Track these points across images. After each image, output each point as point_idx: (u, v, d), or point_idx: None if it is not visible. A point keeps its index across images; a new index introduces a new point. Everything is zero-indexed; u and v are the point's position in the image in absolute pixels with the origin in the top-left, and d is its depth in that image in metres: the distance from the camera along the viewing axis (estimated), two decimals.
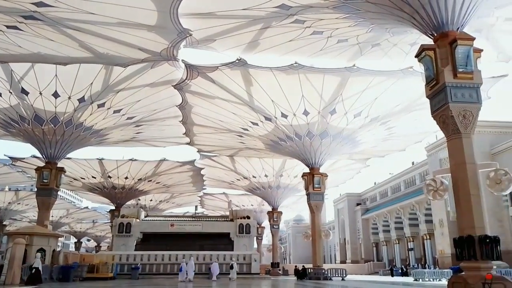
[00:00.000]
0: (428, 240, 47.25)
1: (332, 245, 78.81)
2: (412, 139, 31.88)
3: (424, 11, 12.26)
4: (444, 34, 12.10)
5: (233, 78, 21.12)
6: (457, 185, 11.14)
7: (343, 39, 17.56)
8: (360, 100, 23.29)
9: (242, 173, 40.99)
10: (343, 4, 14.12)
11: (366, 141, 28.67)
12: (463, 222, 10.72)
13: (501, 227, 34.29)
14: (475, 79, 11.57)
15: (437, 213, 40.77)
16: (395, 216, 55.05)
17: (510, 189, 11.61)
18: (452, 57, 11.55)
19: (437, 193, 12.62)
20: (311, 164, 28.83)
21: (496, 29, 17.01)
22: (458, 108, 11.31)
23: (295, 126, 25.70)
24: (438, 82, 11.80)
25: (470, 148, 11.17)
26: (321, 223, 31.15)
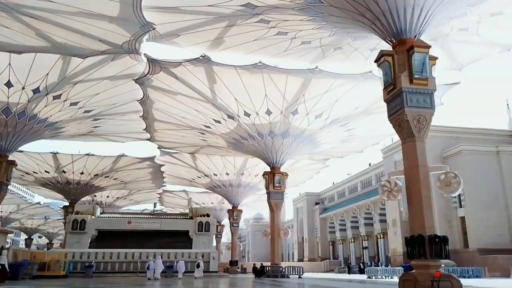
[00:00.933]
0: (381, 239, 48.99)
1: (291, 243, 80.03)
2: (370, 141, 32.93)
3: (385, 18, 12.68)
4: (402, 41, 12.57)
5: (196, 75, 20.92)
6: (410, 186, 11.63)
7: (307, 41, 17.84)
8: (321, 102, 23.77)
9: (203, 171, 40.71)
10: (308, 6, 14.34)
11: (326, 142, 29.31)
12: (414, 222, 11.21)
13: (450, 227, 36.13)
14: (430, 85, 12.10)
15: (391, 213, 42.35)
16: (351, 215, 56.65)
17: (459, 191, 12.25)
18: (409, 64, 12.02)
19: (391, 193, 13.11)
20: (272, 163, 29.12)
21: (451, 38, 17.90)
22: (413, 112, 11.79)
23: (258, 125, 25.84)
24: (395, 87, 12.24)
25: (423, 151, 11.68)
26: (280, 222, 31.54)
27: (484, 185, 35.08)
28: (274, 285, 19.25)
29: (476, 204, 34.77)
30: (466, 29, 17.08)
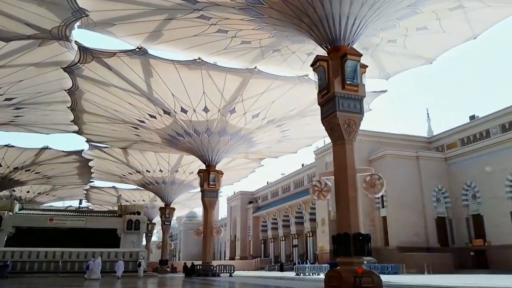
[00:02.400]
0: (311, 237, 50.77)
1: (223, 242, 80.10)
2: (304, 143, 34.00)
3: (321, 24, 13.16)
4: (336, 48, 13.13)
5: (131, 67, 20.15)
6: (338, 187, 12.20)
7: (247, 41, 17.98)
8: (259, 102, 24.07)
9: (135, 167, 39.33)
10: (248, 6, 14.45)
11: (262, 141, 29.74)
12: (341, 221, 11.78)
13: (372, 226, 38.38)
14: (360, 91, 12.78)
15: (320, 212, 44.04)
16: (283, 214, 58.02)
17: (382, 192, 13.08)
18: (342, 70, 12.59)
19: (321, 193, 13.66)
20: (208, 161, 28.94)
21: (380, 49, 19.05)
22: (344, 116, 12.37)
23: (195, 122, 25.53)
24: (329, 91, 12.76)
25: (352, 154, 12.31)
26: (214, 220, 31.45)
27: (404, 187, 37.74)
28: (203, 283, 19.15)
29: (396, 204, 37.28)
30: (394, 41, 18.27)
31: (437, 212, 38.53)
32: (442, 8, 15.77)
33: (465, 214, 37.45)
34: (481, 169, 35.74)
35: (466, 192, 37.74)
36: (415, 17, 15.92)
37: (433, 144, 45.02)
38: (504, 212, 33.44)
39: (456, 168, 38.93)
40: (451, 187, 39.01)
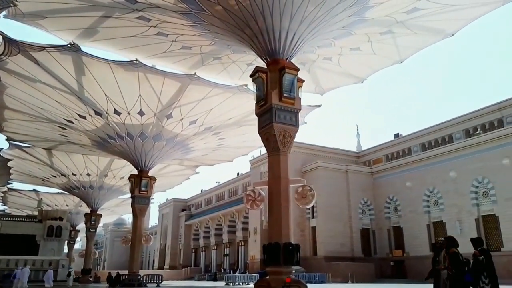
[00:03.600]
0: (242, 246, 50.93)
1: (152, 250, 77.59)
2: (240, 152, 34.18)
3: (262, 37, 13.44)
4: (275, 60, 13.46)
5: (62, 63, 18.97)
6: (271, 197, 12.39)
7: (187, 46, 17.78)
8: (197, 108, 23.83)
9: (60, 169, 36.85)
10: (190, 12, 14.33)
11: (198, 148, 29.41)
12: (272, 230, 11.95)
13: (302, 236, 39.41)
14: (296, 105, 13.19)
15: (253, 221, 44.41)
16: (216, 223, 57.67)
17: (312, 203, 13.49)
18: (280, 83, 12.92)
19: (255, 203, 13.76)
20: (141, 166, 27.96)
21: (316, 65, 19.82)
22: (280, 128, 12.66)
23: (128, 125, 24.60)
24: (266, 102, 13.00)
25: (286, 165, 12.60)
26: (143, 228, 30.35)
27: (333, 199, 39.32)
28: None
29: (326, 215, 38.69)
30: (329, 59, 19.12)
31: (362, 223, 40.58)
32: (373, 32, 16.82)
33: (387, 226, 39.84)
34: (402, 184, 38.34)
35: (388, 205, 40.21)
36: (350, 38, 16.81)
37: (361, 158, 47.52)
38: (421, 224, 36.08)
39: (380, 182, 41.39)
40: (375, 200, 41.36)
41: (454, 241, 9.95)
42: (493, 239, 31.21)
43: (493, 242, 31.17)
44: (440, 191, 35.17)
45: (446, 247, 9.96)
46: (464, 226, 32.66)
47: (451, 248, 9.45)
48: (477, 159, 32.31)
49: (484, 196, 32.13)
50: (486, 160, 31.68)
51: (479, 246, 9.88)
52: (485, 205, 32.01)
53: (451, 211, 33.91)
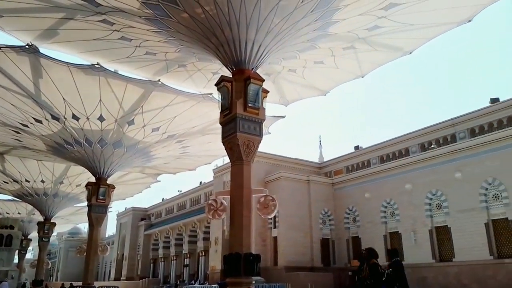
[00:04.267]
0: (203, 256, 50.31)
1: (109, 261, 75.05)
2: (203, 160, 33.84)
3: (228, 47, 13.49)
4: (241, 70, 13.53)
5: (18, 64, 18.10)
6: (233, 206, 12.34)
7: (152, 52, 17.52)
8: (160, 116, 23.41)
9: (12, 175, 34.96)
10: (156, 18, 14.16)
11: (160, 156, 28.86)
12: (234, 240, 11.88)
13: (264, 246, 39.47)
14: (260, 115, 13.28)
15: (215, 231, 44.02)
16: (177, 232, 56.68)
17: (274, 213, 13.57)
18: (245, 92, 12.99)
19: (217, 212, 13.66)
20: (99, 174, 27.03)
21: (281, 76, 20.10)
22: (243, 138, 12.69)
23: (87, 131, 23.77)
24: (231, 112, 13.01)
25: (249, 175, 12.62)
26: (100, 238, 29.30)
27: (295, 209, 39.73)
28: None
29: (287, 225, 38.99)
30: (294, 71, 19.45)
31: (323, 233, 41.24)
32: (337, 46, 17.30)
33: (346, 236, 40.68)
34: (361, 195, 39.37)
35: (348, 216, 41.11)
36: (314, 51, 17.19)
37: (323, 169, 48.45)
38: (378, 235, 37.10)
39: (341, 193, 42.31)
40: (336, 210, 42.18)
41: (374, 252, 10.86)
42: (445, 250, 32.56)
43: (445, 253, 32.52)
44: (397, 203, 36.40)
45: (367, 258, 10.86)
46: (418, 237, 33.92)
47: (371, 259, 10.37)
48: (431, 172, 33.77)
49: (438, 208, 33.55)
50: (439, 173, 33.17)
51: (394, 257, 10.89)
52: (438, 216, 33.42)
53: (407, 222, 35.15)
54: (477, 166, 30.73)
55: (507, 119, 33.11)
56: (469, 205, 30.82)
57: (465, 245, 30.52)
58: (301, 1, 12.82)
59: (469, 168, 31.17)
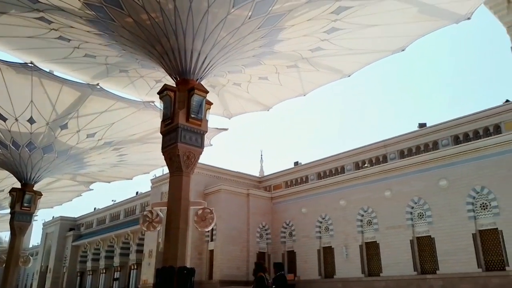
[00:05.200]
0: (135, 270, 48.36)
1: (31, 273, 69.57)
2: (141, 170, 32.76)
3: (173, 55, 13.32)
4: (185, 80, 13.41)
5: None
6: (169, 218, 12.05)
7: (92, 54, 16.82)
8: (97, 121, 22.39)
9: None
10: (98, 20, 13.66)
11: (94, 164, 27.53)
12: (168, 253, 11.57)
13: (199, 259, 38.83)
14: (203, 126, 13.21)
15: (149, 243, 42.60)
16: (108, 244, 54.09)
17: (211, 226, 13.43)
18: (188, 103, 12.87)
19: (152, 224, 13.25)
20: (25, 179, 25.13)
21: (226, 89, 20.18)
22: (184, 149, 12.51)
23: (15, 133, 22.10)
24: (172, 121, 12.81)
25: (188, 186, 12.42)
26: (23, 248, 27.10)
27: (234, 222, 39.65)
28: None
29: (224, 238, 38.74)
30: (239, 85, 19.64)
31: (259, 247, 41.47)
32: (281, 64, 17.78)
33: (282, 250, 41.25)
34: (298, 210, 40.28)
35: (284, 230, 41.78)
36: (259, 67, 17.52)
37: (263, 183, 48.98)
38: (313, 249, 38.07)
39: (279, 207, 42.98)
40: (273, 224, 42.70)
41: (262, 266, 12.22)
42: (374, 265, 34.13)
43: (374, 268, 34.07)
44: (331, 218, 37.67)
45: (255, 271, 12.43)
46: (349, 252, 35.26)
47: (259, 272, 11.51)
48: (364, 190, 35.44)
49: (368, 224, 35.18)
50: (371, 191, 34.92)
51: (279, 271, 12.59)
52: (368, 232, 35.03)
53: (339, 237, 36.44)
54: (405, 185, 32.78)
55: (432, 143, 35.77)
56: (396, 222, 32.68)
57: (392, 260, 32.22)
58: (249, 18, 13.05)
59: (398, 187, 33.16)
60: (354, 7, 13.84)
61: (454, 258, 29.00)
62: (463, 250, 28.69)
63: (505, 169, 27.90)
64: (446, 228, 29.91)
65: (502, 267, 27.18)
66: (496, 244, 27.89)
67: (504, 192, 27.65)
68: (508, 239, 27.02)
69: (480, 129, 32.93)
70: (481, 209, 28.87)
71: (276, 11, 13.24)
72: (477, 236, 28.58)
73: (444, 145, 34.19)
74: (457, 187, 29.99)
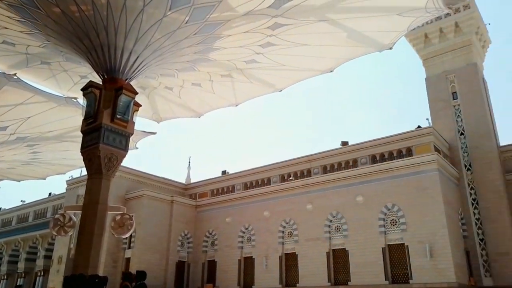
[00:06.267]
0: (42, 276, 44.79)
1: None
2: (56, 170, 30.50)
3: (102, 52, 12.69)
4: (113, 79, 12.82)
5: None
6: (84, 223, 11.32)
7: (11, 42, 15.43)
8: (10, 114, 20.47)
9: None
10: (21, 6, 12.62)
11: (4, 160, 25.15)
12: (79, 260, 10.84)
13: (114, 267, 37.00)
14: (129, 128, 12.67)
15: (59, 249, 39.74)
16: (12, 248, 49.48)
17: (129, 233, 12.87)
18: (114, 102, 12.28)
19: (63, 228, 12.36)
20: None
21: (157, 92, 19.65)
22: (106, 150, 11.89)
23: None
24: (95, 121, 12.13)
25: (107, 190, 11.79)
26: None
27: (155, 229, 38.44)
28: None
29: (144, 246, 37.37)
30: (171, 89, 19.24)
31: (180, 256, 40.64)
32: (215, 72, 17.78)
33: (202, 259, 40.82)
34: (223, 219, 40.25)
35: (207, 239, 41.43)
36: (193, 73, 17.34)
37: (188, 191, 48.26)
38: (234, 259, 38.18)
39: (203, 216, 42.59)
40: (196, 233, 42.16)
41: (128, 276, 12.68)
42: (292, 275, 35.09)
43: (291, 278, 35.02)
44: (254, 229, 38.16)
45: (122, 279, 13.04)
46: (269, 262, 35.91)
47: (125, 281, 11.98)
48: (287, 202, 36.49)
49: (289, 236, 36.17)
50: (294, 203, 36.04)
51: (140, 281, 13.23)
52: (288, 243, 36.01)
53: (261, 248, 37.00)
54: (325, 199, 34.31)
55: (352, 161, 37.95)
56: (315, 234, 34.00)
57: (308, 271, 33.36)
58: (185, 22, 12.90)
59: (319, 201, 34.60)
60: (289, 25, 14.32)
61: (364, 270, 30.81)
62: (373, 263, 30.61)
63: (414, 189, 30.42)
64: (360, 241, 31.75)
65: (406, 280, 29.42)
66: (402, 258, 30.16)
67: (411, 210, 30.11)
68: (412, 254, 29.38)
69: (395, 151, 35.66)
70: (391, 225, 31.11)
71: (213, 19, 13.24)
72: (386, 250, 30.70)
73: (363, 164, 36.45)
74: (371, 204, 32.05)
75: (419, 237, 29.26)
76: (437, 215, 29.02)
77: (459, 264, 29.39)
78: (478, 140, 35.75)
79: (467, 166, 35.68)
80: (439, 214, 29.00)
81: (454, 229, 30.40)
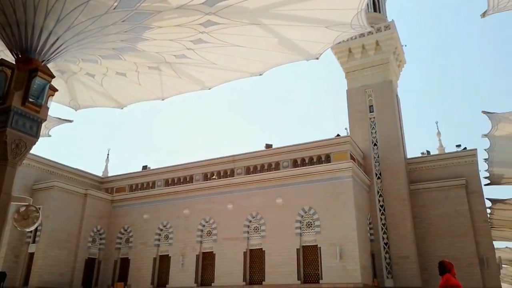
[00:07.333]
0: None
1: None
2: None
3: (17, 29, 11.63)
4: (28, 59, 11.81)
5: None
6: None
7: None
8: None
9: None
10: None
11: None
12: None
13: (16, 262, 34.02)
14: (42, 114, 11.74)
15: None
16: None
17: (34, 227, 11.92)
18: (27, 85, 11.32)
19: None
20: None
21: (77, 78, 18.45)
22: (14, 135, 10.92)
23: None
24: (4, 102, 11.09)
25: (11, 179, 10.83)
26: None
27: (64, 224, 36.00)
28: None
29: (50, 241, 34.82)
30: (93, 76, 18.19)
31: (90, 252, 38.57)
32: (142, 63, 17.18)
33: (115, 257, 39.12)
34: (140, 216, 38.94)
35: (121, 236, 39.80)
36: (118, 61, 16.57)
37: (104, 184, 45.93)
38: (149, 257, 37.15)
39: (119, 211, 40.83)
40: (110, 229, 40.27)
41: None
42: (207, 275, 35.08)
43: (207, 277, 35.01)
44: (173, 226, 37.51)
45: None
46: (186, 261, 35.55)
47: None
48: (209, 201, 36.41)
49: (208, 235, 36.13)
50: (215, 202, 36.07)
51: None
52: (206, 242, 35.96)
53: (178, 246, 36.47)
54: (246, 200, 34.83)
55: (275, 164, 38.99)
56: (234, 234, 34.34)
57: (224, 271, 33.58)
58: (114, 8, 12.31)
59: (240, 201, 35.02)
60: (222, 24, 14.34)
61: (279, 270, 31.82)
62: (288, 263, 31.73)
63: (329, 193, 32.13)
64: (276, 242, 32.72)
65: (316, 280, 30.92)
66: (314, 259, 31.66)
67: (326, 213, 31.77)
68: (324, 255, 30.98)
69: (315, 157, 37.34)
70: (306, 227, 32.50)
71: (144, 8, 12.80)
72: (300, 251, 31.99)
73: (285, 167, 37.64)
74: (290, 206, 33.22)
75: (331, 240, 30.93)
76: (348, 219, 30.94)
77: (365, 265, 31.62)
78: (389, 151, 38.81)
79: (377, 174, 38.53)
80: (350, 219, 30.93)
81: (362, 233, 32.63)
